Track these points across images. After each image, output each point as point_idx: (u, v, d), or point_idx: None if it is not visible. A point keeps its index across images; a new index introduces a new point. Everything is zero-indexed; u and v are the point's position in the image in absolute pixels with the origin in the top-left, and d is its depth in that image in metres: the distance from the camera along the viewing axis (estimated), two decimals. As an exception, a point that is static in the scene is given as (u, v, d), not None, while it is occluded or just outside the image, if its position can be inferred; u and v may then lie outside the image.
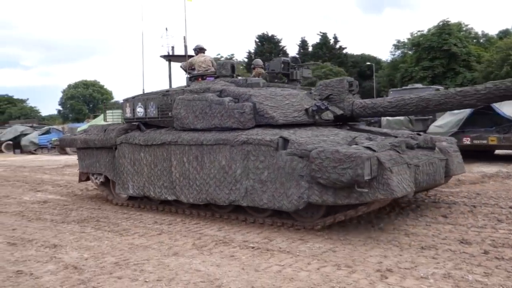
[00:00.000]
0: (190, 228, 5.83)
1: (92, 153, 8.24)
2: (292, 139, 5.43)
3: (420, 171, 5.48)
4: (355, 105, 6.62)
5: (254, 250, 4.74)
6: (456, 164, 6.53)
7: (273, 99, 6.31)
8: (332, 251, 4.60)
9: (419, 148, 5.92)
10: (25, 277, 4.16)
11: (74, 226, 6.25)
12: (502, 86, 5.44)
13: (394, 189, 4.76)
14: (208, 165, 6.15)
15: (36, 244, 5.30)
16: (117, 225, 6.21)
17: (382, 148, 5.14)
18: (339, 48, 55.40)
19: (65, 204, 8.04)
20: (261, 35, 56.37)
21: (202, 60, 8.32)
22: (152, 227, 6.01)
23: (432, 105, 6.03)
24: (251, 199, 5.68)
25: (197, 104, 6.53)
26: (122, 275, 4.09)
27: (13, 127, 27.82)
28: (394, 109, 6.39)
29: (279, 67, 8.01)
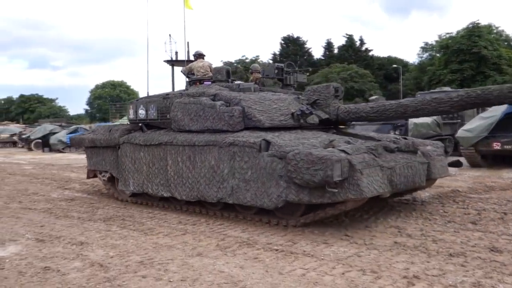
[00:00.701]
0: (214, 229, 5.84)
1: (98, 151, 8.74)
2: (273, 142, 5.79)
3: (396, 173, 5.74)
4: (340, 110, 6.95)
5: (278, 252, 4.72)
6: (439, 167, 6.74)
7: (262, 103, 6.70)
8: (357, 256, 4.53)
9: (400, 152, 6.16)
10: (52, 273, 4.23)
11: (100, 224, 6.34)
12: (473, 94, 5.74)
13: (363, 189, 5.07)
14: (199, 164, 6.56)
15: (63, 241, 5.40)
16: (142, 224, 6.27)
17: (356, 151, 5.43)
18: (365, 50, 54.87)
19: (92, 202, 8.17)
20: (286, 36, 56.33)
21: (201, 65, 8.78)
22: (176, 227, 6.04)
23: (409, 111, 6.34)
24: (236, 197, 6.06)
25: (192, 107, 6.96)
26: (146, 274, 4.12)
27: (42, 126, 28.53)
28: (375, 114, 6.69)
29: (273, 73, 8.50)
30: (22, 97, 72.76)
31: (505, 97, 5.61)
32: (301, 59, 55.73)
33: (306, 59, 56.24)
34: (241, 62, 53.57)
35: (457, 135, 12.36)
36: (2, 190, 10.12)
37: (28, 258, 4.74)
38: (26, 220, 6.68)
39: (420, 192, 8.35)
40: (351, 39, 54.36)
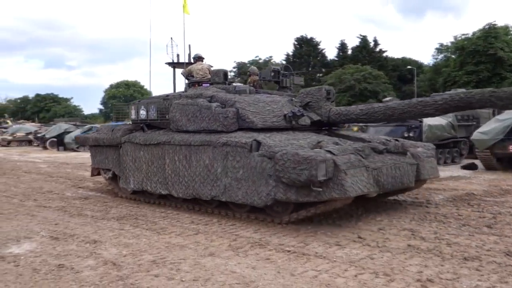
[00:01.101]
0: (226, 229, 5.84)
1: (102, 150, 9.03)
2: (263, 142, 6.01)
3: (383, 173, 5.98)
4: (332, 112, 7.17)
5: (290, 253, 4.70)
6: (428, 169, 6.94)
7: (255, 105, 6.96)
8: (369, 258, 4.50)
9: (389, 153, 6.41)
10: (66, 271, 4.28)
11: (114, 223, 6.39)
12: (456, 98, 5.95)
13: (347, 189, 5.27)
14: (195, 163, 6.81)
15: (77, 239, 5.45)
16: (155, 223, 6.30)
17: (342, 152, 5.65)
18: (379, 51, 54.52)
19: (105, 201, 8.24)
20: (299, 37, 56.24)
21: (200, 68, 9.05)
22: (188, 226, 6.06)
23: (397, 113, 6.56)
24: (229, 195, 6.31)
25: (189, 108, 7.22)
26: (159, 273, 4.14)
27: (57, 125, 28.85)
28: (364, 116, 6.90)
29: (269, 75, 8.79)
30: (37, 96, 73.70)
31: (486, 101, 5.77)
32: (314, 60, 55.60)
33: (320, 60, 56.08)
34: (254, 62, 53.58)
35: (472, 137, 12.20)
36: (18, 188, 10.26)
37: (43, 255, 4.79)
38: (41, 218, 6.76)
39: (434, 195, 8.27)
40: (365, 40, 54.06)
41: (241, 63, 53.92)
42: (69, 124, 28.55)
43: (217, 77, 8.30)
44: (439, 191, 8.73)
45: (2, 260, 4.64)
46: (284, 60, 56.05)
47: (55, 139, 25.85)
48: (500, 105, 5.75)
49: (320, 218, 6.33)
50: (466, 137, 14.44)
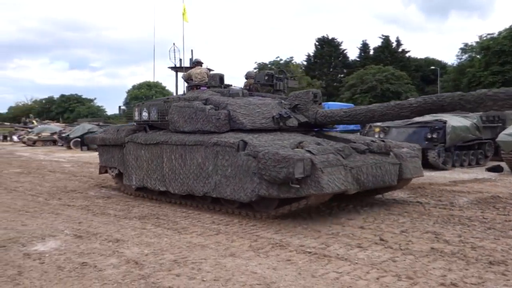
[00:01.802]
0: (247, 230, 5.85)
1: (108, 149, 9.59)
2: (249, 142, 6.42)
3: (363, 172, 6.38)
4: (318, 114, 7.48)
5: (311, 255, 4.68)
6: (411, 168, 7.32)
7: (246, 107, 7.39)
8: (392, 261, 4.45)
9: (372, 153, 6.79)
10: (89, 269, 4.34)
11: (136, 222, 6.46)
12: (429, 101, 6.24)
13: (324, 186, 5.64)
14: (189, 162, 7.28)
15: (100, 237, 5.53)
16: (176, 223, 6.35)
17: (322, 152, 6.00)
18: (401, 52, 53.87)
19: (127, 201, 8.34)
20: (321, 38, 55.96)
21: (198, 72, 9.53)
22: (209, 226, 6.09)
23: (377, 115, 6.89)
24: (219, 191, 6.76)
25: (186, 110, 7.69)
26: (180, 273, 4.17)
27: (81, 125, 29.36)
28: (348, 118, 7.23)
29: (263, 79, 9.14)
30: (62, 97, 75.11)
31: (456, 104, 6.03)
32: (335, 60, 55.24)
33: (341, 60, 55.69)
34: (275, 63, 53.51)
35: (498, 139, 11.94)
36: (43, 187, 10.48)
37: (67, 253, 4.88)
38: (65, 217, 6.88)
39: (458, 197, 8.14)
40: (387, 40, 53.47)
41: (262, 64, 53.87)
42: (92, 124, 29.03)
43: (214, 81, 8.79)
44: (463, 193, 8.58)
45: (28, 257, 4.74)
46: (305, 61, 55.90)
47: (79, 139, 26.30)
48: (468, 107, 6.02)
49: (341, 220, 6.29)
50: (491, 139, 14.14)
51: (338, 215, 6.70)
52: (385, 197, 8.24)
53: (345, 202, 7.68)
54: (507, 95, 5.52)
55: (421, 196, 8.39)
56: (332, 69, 55.50)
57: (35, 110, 72.92)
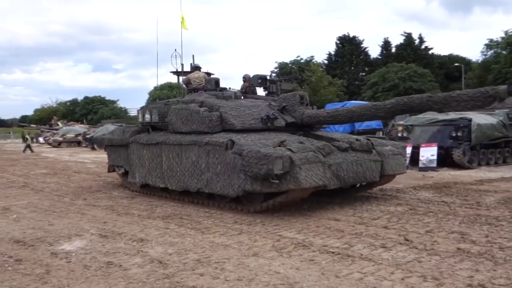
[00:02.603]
0: (269, 230, 5.84)
1: (115, 149, 10.17)
2: (237, 142, 6.88)
3: (343, 169, 6.81)
4: (304, 115, 7.90)
5: (334, 255, 4.65)
6: (393, 165, 7.73)
7: (237, 109, 7.90)
8: (417, 261, 4.38)
9: (354, 151, 7.20)
10: (114, 268, 4.40)
11: (159, 222, 6.52)
12: (401, 102, 6.65)
13: (301, 181, 6.12)
14: (185, 160, 7.80)
15: (124, 237, 5.60)
16: (199, 223, 6.39)
17: (302, 150, 6.43)
18: (424, 49, 52.97)
19: (151, 201, 8.43)
20: (342, 36, 55.47)
21: (196, 76, 10.03)
22: (232, 226, 6.11)
23: (355, 116, 7.35)
24: (210, 187, 7.27)
25: (183, 112, 8.21)
26: (203, 272, 4.20)
27: (104, 126, 29.82)
28: (330, 119, 7.75)
29: (256, 82, 9.65)
30: (86, 99, 76.28)
31: (424, 105, 6.45)
32: (357, 58, 54.69)
33: (363, 58, 55.10)
34: (295, 62, 53.33)
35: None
36: (69, 187, 10.67)
37: (92, 252, 4.96)
38: (90, 216, 7.00)
39: (485, 196, 7.97)
40: (409, 38, 52.65)
41: (283, 63, 53.75)
42: (116, 125, 29.41)
43: (209, 85, 9.35)
44: (490, 192, 8.40)
45: (55, 257, 4.84)
46: (326, 60, 55.49)
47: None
48: (436, 108, 6.40)
49: (364, 219, 6.24)
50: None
51: (361, 215, 6.64)
52: (409, 197, 8.13)
53: (369, 202, 7.61)
54: (468, 97, 5.98)
55: (446, 195, 8.25)
56: (354, 68, 54.92)
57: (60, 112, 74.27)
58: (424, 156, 12.78)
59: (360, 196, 8.27)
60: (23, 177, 13.20)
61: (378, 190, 8.89)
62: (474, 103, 5.99)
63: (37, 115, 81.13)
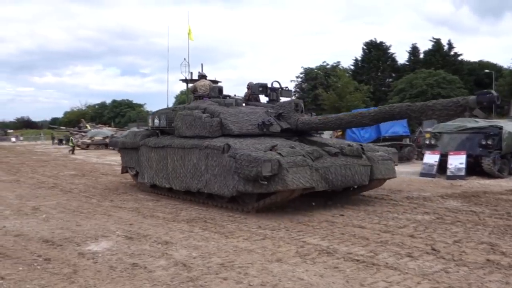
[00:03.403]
0: (293, 236, 5.82)
1: (128, 152, 10.84)
2: (232, 146, 7.42)
3: (331, 172, 7.30)
4: (299, 121, 8.40)
5: (359, 263, 4.59)
6: (383, 169, 8.15)
7: (236, 115, 8.48)
8: (444, 272, 4.29)
9: (344, 156, 7.68)
10: (139, 270, 4.46)
11: (184, 225, 6.58)
12: (383, 110, 7.21)
13: (288, 183, 6.61)
14: (187, 162, 8.39)
15: (150, 239, 5.67)
16: (223, 227, 6.41)
17: (291, 154, 6.92)
18: (453, 55, 52.04)
19: (176, 204, 8.50)
20: (368, 42, 55.02)
21: (202, 84, 10.61)
22: (256, 231, 6.10)
23: (344, 122, 7.90)
24: (209, 188, 7.83)
25: (187, 118, 8.78)
26: (227, 277, 4.21)
27: (130, 129, 30.24)
28: (322, 125, 8.27)
29: (257, 90, 10.20)
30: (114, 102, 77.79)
31: (404, 113, 6.94)
32: (384, 64, 54.12)
33: (390, 64, 54.50)
34: (321, 68, 53.14)
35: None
36: (96, 189, 10.88)
37: (118, 254, 5.04)
38: (117, 218, 7.11)
39: (516, 207, 7.75)
40: (438, 43, 51.81)
41: (308, 69, 53.62)
42: (142, 128, 29.78)
43: (213, 92, 9.95)
44: (522, 203, 8.16)
45: (82, 257, 4.93)
46: (352, 65, 55.10)
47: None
48: (413, 116, 6.87)
49: (390, 228, 6.15)
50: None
51: (387, 223, 6.55)
52: (437, 205, 7.98)
53: (395, 210, 7.50)
54: (442, 106, 6.34)
55: (475, 205, 8.06)
56: (380, 74, 54.36)
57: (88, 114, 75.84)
58: (453, 164, 12.51)
59: (386, 204, 8.17)
60: (53, 178, 13.51)
61: (405, 198, 8.76)
62: (447, 112, 6.39)
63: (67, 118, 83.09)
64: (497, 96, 5.69)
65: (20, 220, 7.02)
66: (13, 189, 10.85)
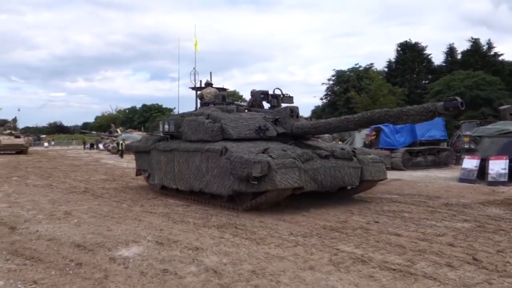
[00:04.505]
0: (326, 243, 5.75)
1: (141, 155, 11.83)
2: (229, 149, 8.19)
3: (320, 173, 8.01)
4: (294, 126, 9.10)
5: (395, 272, 4.49)
6: (373, 171, 8.81)
7: (236, 121, 9.28)
8: (487, 283, 4.15)
9: (335, 158, 8.39)
10: (170, 276, 4.49)
11: (214, 231, 6.60)
12: (365, 116, 7.80)
13: (277, 183, 7.35)
14: (191, 164, 9.27)
15: (180, 245, 5.71)
16: (254, 233, 6.39)
17: (281, 157, 7.66)
18: (493, 55, 50.53)
19: (206, 209, 8.54)
20: (403, 43, 54.07)
21: (208, 92, 11.72)
22: (287, 238, 6.06)
23: (332, 127, 8.61)
24: (209, 188, 8.68)
25: (193, 124, 9.70)
26: (258, 284, 4.19)
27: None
28: (313, 129, 8.87)
29: (258, 97, 10.94)
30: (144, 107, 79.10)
31: (383, 118, 7.53)
32: (419, 66, 53.10)
33: (425, 65, 53.40)
34: (354, 70, 52.60)
35: None
36: (126, 193, 11.06)
37: (149, 259, 5.09)
38: (147, 223, 7.20)
39: None
40: (476, 43, 50.40)
41: (340, 71, 53.15)
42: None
43: (217, 99, 10.72)
44: None
45: (113, 262, 5.01)
46: (386, 67, 54.32)
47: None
48: (391, 121, 7.60)
49: (428, 236, 5.99)
50: None
51: (424, 231, 6.39)
52: (477, 213, 7.75)
53: (433, 217, 7.33)
54: (415, 111, 7.00)
55: (519, 212, 7.77)
56: (416, 75, 53.32)
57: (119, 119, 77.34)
58: (494, 170, 12.14)
59: (423, 211, 7.98)
60: (84, 182, 13.84)
61: (443, 205, 8.55)
62: (420, 117, 7.03)
63: (98, 122, 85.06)
64: (461, 102, 6.42)
65: (53, 224, 7.20)
66: (46, 193, 11.15)
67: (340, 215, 7.60)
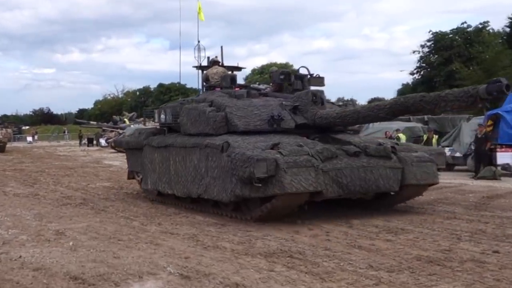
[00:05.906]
0: (422, 281, 5.65)
1: (133, 153, 12.44)
2: (232, 144, 8.75)
3: (344, 175, 8.47)
4: (316, 116, 9.60)
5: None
6: (418, 173, 9.20)
7: (245, 109, 9.82)
8: None
9: (368, 156, 8.91)
10: (201, 323, 4.54)
11: (260, 260, 6.62)
12: (398, 102, 8.64)
13: (286, 186, 7.81)
14: (188, 164, 9.92)
15: (213, 280, 5.76)
16: (317, 264, 6.37)
17: (294, 154, 8.18)
18: None
19: (248, 230, 8.57)
20: None
21: (214, 72, 12.20)
22: (365, 272, 6.00)
23: (361, 116, 9.23)
24: (209, 193, 9.27)
25: (192, 113, 10.33)
26: (325, 338, 4.17)
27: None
28: (339, 120, 9.56)
29: (278, 79, 11.49)
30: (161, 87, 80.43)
31: (418, 105, 8.21)
32: None
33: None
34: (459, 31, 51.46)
35: None
36: (138, 207, 11.27)
37: (171, 299, 5.17)
38: (167, 248, 7.31)
39: None
40: None
41: (440, 34, 52.13)
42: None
43: (225, 82, 11.34)
44: None
45: (122, 302, 5.12)
46: (508, 27, 52.75)
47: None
48: (428, 108, 8.39)
49: None
50: None
51: None
52: None
53: None
54: (454, 97, 7.58)
55: None
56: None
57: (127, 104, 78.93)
58: None
59: None
60: (81, 191, 14.23)
61: None
62: (459, 104, 7.70)
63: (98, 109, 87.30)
64: (507, 85, 6.72)
65: (40, 248, 7.42)
66: (31, 205, 11.53)
67: (441, 240, 7.48)
